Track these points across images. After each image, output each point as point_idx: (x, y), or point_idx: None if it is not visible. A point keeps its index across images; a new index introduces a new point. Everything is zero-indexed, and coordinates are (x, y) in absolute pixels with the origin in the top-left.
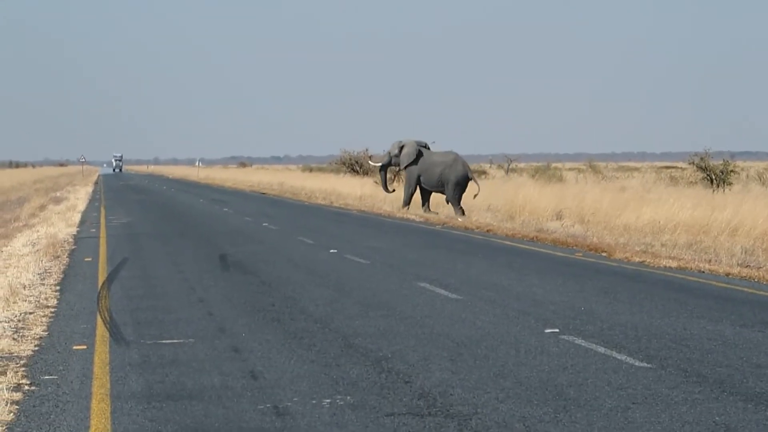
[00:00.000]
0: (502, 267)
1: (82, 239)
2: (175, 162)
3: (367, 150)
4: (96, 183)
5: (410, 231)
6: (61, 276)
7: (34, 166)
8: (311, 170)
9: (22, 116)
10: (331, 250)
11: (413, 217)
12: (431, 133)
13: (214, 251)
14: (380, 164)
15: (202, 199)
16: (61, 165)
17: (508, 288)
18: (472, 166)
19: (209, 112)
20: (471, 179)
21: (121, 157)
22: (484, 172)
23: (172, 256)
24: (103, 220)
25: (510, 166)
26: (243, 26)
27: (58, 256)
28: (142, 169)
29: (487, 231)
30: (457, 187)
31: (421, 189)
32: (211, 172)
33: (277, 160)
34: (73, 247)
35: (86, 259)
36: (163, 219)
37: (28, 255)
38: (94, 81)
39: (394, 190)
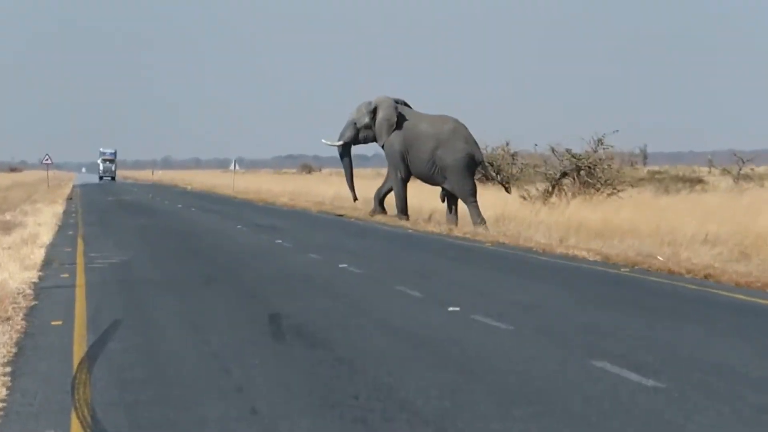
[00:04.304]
0: (728, 336)
1: (48, 290)
2: (197, 164)
3: (507, 144)
4: (70, 198)
5: (578, 276)
6: (14, 350)
7: None
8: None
9: None
10: (450, 308)
11: (584, 253)
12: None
13: (260, 309)
14: (341, 143)
15: (240, 224)
16: (13, 170)
17: (740, 372)
18: (681, 170)
19: (250, 93)
20: (481, 162)
21: (114, 155)
22: (700, 181)
23: (192, 318)
24: (80, 259)
25: (741, 171)
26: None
27: (8, 318)
28: (145, 175)
29: (705, 276)
30: (461, 174)
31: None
32: (254, 179)
33: (363, 160)
34: (33, 302)
35: (54, 323)
36: (179, 257)
37: None
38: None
39: (356, 200)
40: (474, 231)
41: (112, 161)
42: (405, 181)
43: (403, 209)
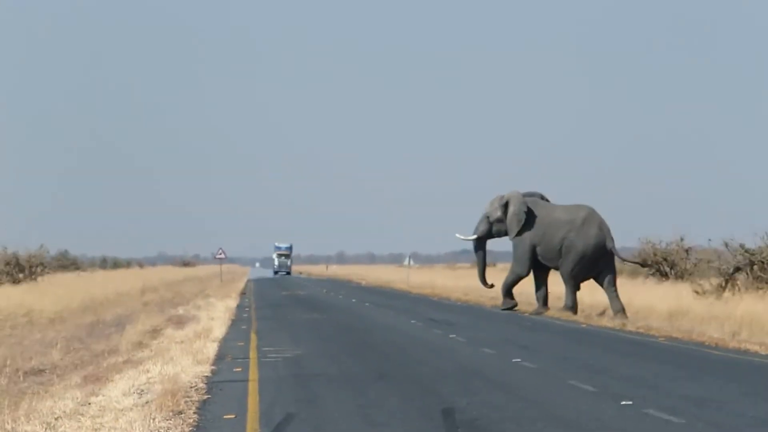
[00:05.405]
0: None
1: (221, 384)
2: (370, 259)
3: (682, 239)
4: (243, 293)
5: (750, 370)
6: None
7: (141, 265)
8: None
9: (120, 196)
10: (624, 402)
11: (756, 347)
12: None
13: (433, 403)
14: (474, 236)
15: (414, 319)
16: (186, 264)
17: None
18: None
19: (422, 188)
20: (612, 250)
21: (290, 249)
22: None
23: (365, 411)
24: (253, 353)
25: None
26: None
27: (180, 412)
28: (319, 270)
29: None
30: (579, 259)
31: (536, 267)
32: (429, 274)
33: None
34: (206, 396)
35: (227, 417)
36: (351, 352)
37: (132, 409)
38: (237, 140)
39: (492, 286)
40: (646, 325)
41: (287, 256)
42: (521, 277)
43: (507, 289)
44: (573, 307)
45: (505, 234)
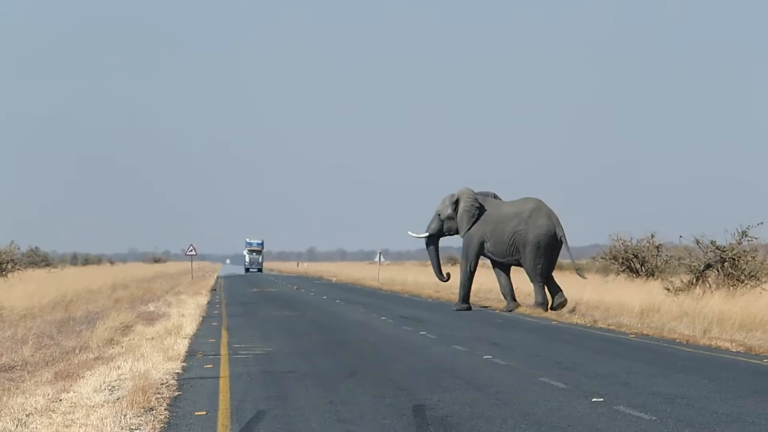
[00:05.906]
0: None
1: (191, 380)
2: (341, 255)
3: (653, 236)
4: (214, 290)
5: (721, 367)
6: None
7: (112, 262)
8: (561, 268)
9: (93, 192)
10: (594, 399)
11: (726, 344)
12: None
13: (404, 400)
14: (426, 234)
15: (385, 316)
16: (156, 261)
17: None
18: None
19: (395, 185)
20: (562, 241)
21: (261, 245)
22: None
23: (336, 408)
24: (224, 350)
25: None
26: None
27: (152, 409)
28: (289, 267)
29: None
30: (537, 252)
31: (494, 265)
32: (400, 271)
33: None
34: (177, 393)
35: (198, 413)
36: (323, 349)
37: (103, 406)
38: (203, 136)
39: (449, 276)
40: (618, 322)
41: (258, 252)
42: (472, 273)
43: (465, 298)
44: (543, 303)
45: (456, 232)
